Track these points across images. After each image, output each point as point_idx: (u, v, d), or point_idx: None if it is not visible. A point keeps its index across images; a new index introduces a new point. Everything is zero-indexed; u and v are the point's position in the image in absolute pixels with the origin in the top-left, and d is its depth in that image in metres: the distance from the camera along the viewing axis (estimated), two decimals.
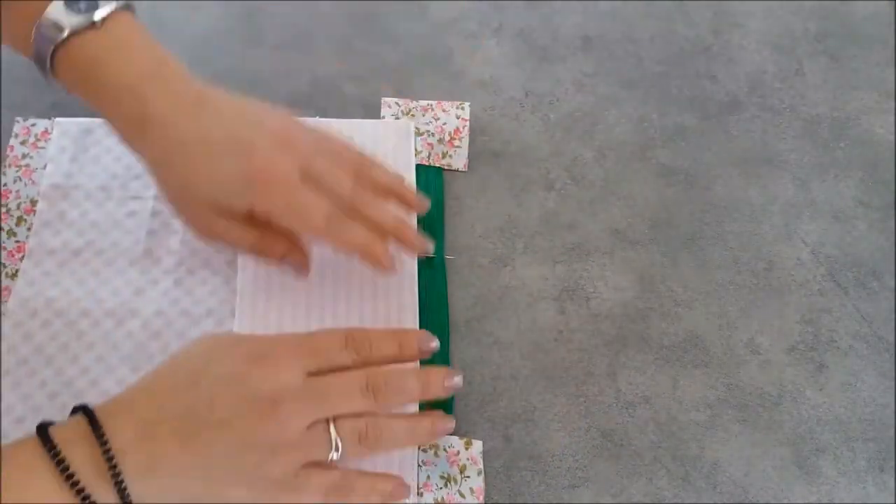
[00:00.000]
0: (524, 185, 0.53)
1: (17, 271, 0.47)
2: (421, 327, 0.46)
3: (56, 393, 0.44)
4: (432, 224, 0.50)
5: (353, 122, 0.54)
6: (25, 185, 0.51)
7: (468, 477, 0.43)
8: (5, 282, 0.47)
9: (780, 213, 0.53)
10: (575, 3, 0.61)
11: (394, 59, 0.58)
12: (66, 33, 0.40)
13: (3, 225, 0.49)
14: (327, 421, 0.37)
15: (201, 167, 0.41)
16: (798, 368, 0.47)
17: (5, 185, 0.51)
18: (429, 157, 0.53)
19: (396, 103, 0.55)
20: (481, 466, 0.44)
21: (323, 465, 0.38)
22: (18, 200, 0.50)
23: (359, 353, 0.39)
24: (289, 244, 0.45)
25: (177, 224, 0.49)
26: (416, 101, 0.55)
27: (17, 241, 0.49)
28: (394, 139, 0.53)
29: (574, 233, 0.51)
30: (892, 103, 0.57)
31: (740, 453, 0.45)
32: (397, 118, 0.54)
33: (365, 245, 0.43)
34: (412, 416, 0.42)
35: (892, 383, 0.47)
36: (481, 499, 0.43)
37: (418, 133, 0.54)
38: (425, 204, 0.47)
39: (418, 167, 0.52)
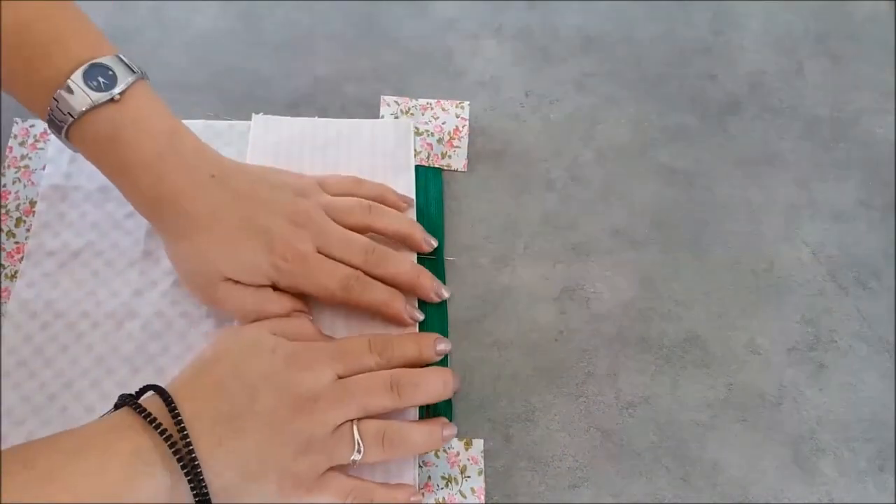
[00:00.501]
0: (524, 185, 0.53)
1: (16, 272, 0.47)
2: (421, 327, 0.46)
3: (56, 394, 0.44)
4: (432, 224, 0.50)
5: (353, 122, 0.54)
6: (24, 186, 0.50)
7: (469, 477, 0.43)
8: (5, 283, 0.47)
9: (780, 213, 0.53)
10: (575, 3, 0.61)
11: (394, 59, 0.58)
12: (84, 108, 0.41)
13: (2, 226, 0.49)
14: (351, 423, 0.40)
15: (219, 245, 0.43)
16: (798, 368, 0.47)
17: (4, 185, 0.51)
18: (428, 157, 0.53)
19: (395, 102, 0.55)
20: (482, 466, 0.44)
21: (344, 470, 0.40)
22: (18, 201, 0.50)
23: (382, 356, 0.42)
24: (291, 304, 0.45)
25: None
26: (416, 100, 0.55)
27: (17, 243, 0.49)
28: (393, 138, 0.53)
29: (574, 233, 0.51)
30: (892, 103, 0.57)
31: (740, 453, 0.45)
32: (396, 117, 0.54)
33: (384, 304, 0.45)
34: (427, 421, 0.43)
35: (892, 383, 0.47)
36: (482, 499, 0.43)
37: (417, 133, 0.54)
38: (432, 243, 0.48)
39: (417, 168, 0.52)
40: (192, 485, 0.36)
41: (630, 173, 0.54)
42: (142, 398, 0.38)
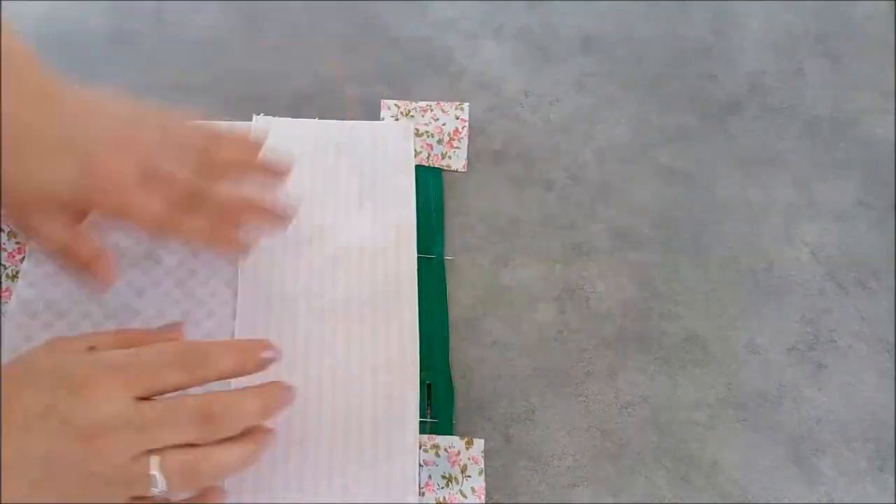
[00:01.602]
0: (524, 185, 0.53)
1: (17, 273, 0.47)
2: (421, 327, 0.47)
3: None
4: (431, 225, 0.50)
5: (353, 124, 0.54)
6: None
7: (469, 476, 0.43)
8: (6, 283, 0.47)
9: (780, 213, 0.53)
10: (575, 3, 0.61)
11: (393, 60, 0.58)
12: None
13: (3, 226, 0.49)
14: (148, 455, 0.34)
15: (35, 162, 0.40)
16: (798, 368, 0.47)
17: None
18: (428, 157, 0.53)
19: (396, 105, 0.55)
20: (482, 466, 0.44)
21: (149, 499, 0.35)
22: None
23: (191, 373, 0.36)
24: (95, 252, 0.44)
25: None
26: (416, 103, 0.55)
27: (18, 243, 0.49)
28: (393, 140, 0.53)
29: (574, 233, 0.51)
30: (892, 103, 0.57)
31: (740, 453, 0.45)
32: (397, 119, 0.55)
33: (207, 233, 0.43)
34: (244, 439, 0.37)
35: (892, 383, 0.47)
36: (482, 498, 0.43)
37: (417, 134, 0.54)
38: (287, 163, 0.46)
39: (417, 168, 0.52)
40: None
41: (630, 173, 0.54)
42: None
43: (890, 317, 0.49)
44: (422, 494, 0.42)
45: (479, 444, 0.44)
